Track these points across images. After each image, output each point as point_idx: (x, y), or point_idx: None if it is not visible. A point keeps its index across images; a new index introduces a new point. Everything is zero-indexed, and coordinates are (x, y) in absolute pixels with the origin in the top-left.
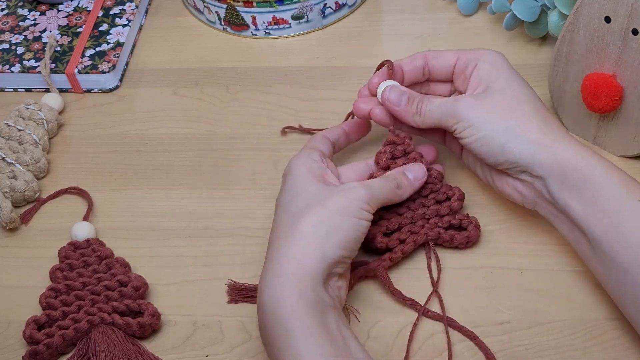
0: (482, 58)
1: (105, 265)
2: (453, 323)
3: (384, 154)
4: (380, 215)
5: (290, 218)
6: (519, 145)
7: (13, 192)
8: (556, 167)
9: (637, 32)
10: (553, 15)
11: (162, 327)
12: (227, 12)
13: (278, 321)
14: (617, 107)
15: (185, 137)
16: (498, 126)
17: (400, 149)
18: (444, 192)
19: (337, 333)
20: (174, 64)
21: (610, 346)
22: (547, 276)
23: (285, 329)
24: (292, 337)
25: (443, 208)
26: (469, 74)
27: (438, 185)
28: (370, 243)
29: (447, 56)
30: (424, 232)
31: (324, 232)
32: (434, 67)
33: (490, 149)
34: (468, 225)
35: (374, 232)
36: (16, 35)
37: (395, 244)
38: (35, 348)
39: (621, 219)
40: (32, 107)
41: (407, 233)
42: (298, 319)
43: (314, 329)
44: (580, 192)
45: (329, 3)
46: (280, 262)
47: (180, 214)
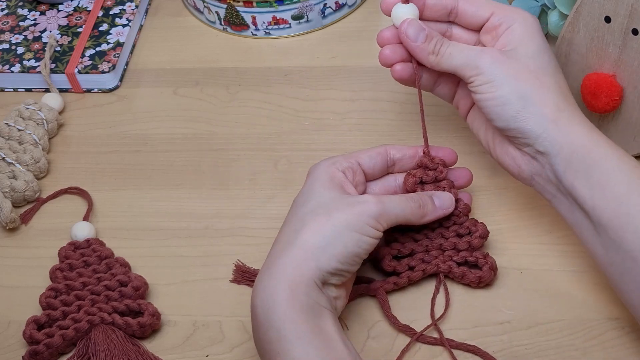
0: (518, 19)
1: (105, 265)
2: (452, 343)
3: (413, 177)
4: (395, 237)
5: (296, 222)
6: (533, 116)
7: (13, 192)
8: (566, 147)
9: (637, 32)
10: (553, 15)
11: (162, 327)
12: (227, 12)
13: (271, 325)
14: (617, 107)
15: (185, 137)
16: (518, 90)
17: (431, 174)
18: (467, 227)
19: (333, 336)
20: (174, 64)
21: (610, 346)
22: (547, 276)
23: (277, 332)
24: (284, 341)
25: (462, 243)
26: (501, 33)
27: (463, 219)
28: (379, 263)
29: (482, 5)
30: (436, 263)
31: (323, 243)
32: (466, 12)
33: (503, 111)
34: (483, 265)
35: (383, 253)
36: (16, 35)
37: (403, 269)
38: (35, 348)
39: (631, 205)
40: (32, 107)
41: (418, 261)
42: (291, 322)
43: (307, 332)
44: (588, 175)
45: (329, 3)
46: (276, 267)
47: (180, 214)
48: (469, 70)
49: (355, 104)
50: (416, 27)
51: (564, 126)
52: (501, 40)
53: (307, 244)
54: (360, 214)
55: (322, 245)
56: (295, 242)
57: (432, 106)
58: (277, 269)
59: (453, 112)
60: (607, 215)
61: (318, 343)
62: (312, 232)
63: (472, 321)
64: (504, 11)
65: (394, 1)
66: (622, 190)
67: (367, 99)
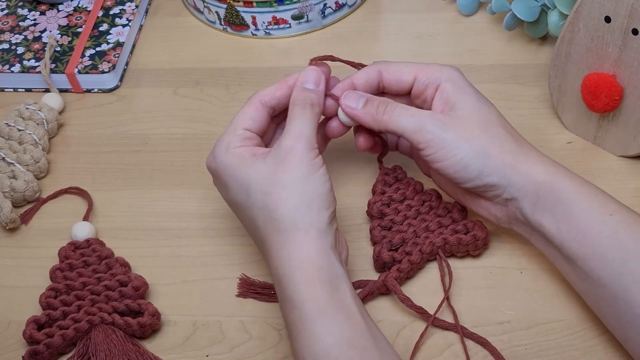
0: (443, 78)
1: (105, 265)
2: (465, 331)
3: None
4: (384, 235)
5: (262, 212)
6: (496, 170)
7: (13, 192)
8: (529, 187)
9: (637, 32)
10: (553, 15)
11: (162, 327)
12: (227, 12)
13: (293, 306)
14: (617, 107)
15: (185, 137)
16: (474, 150)
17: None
18: (444, 207)
19: (352, 308)
20: (174, 64)
21: (610, 346)
22: (547, 276)
23: (299, 312)
24: (305, 320)
25: (445, 219)
26: (431, 96)
27: (436, 202)
28: (377, 261)
29: (403, 72)
30: (429, 240)
31: (302, 209)
32: (390, 82)
33: (466, 172)
34: (473, 227)
35: (378, 249)
36: (16, 35)
37: (401, 256)
38: (35, 348)
39: (596, 234)
40: (32, 107)
41: (412, 245)
42: (311, 301)
43: (327, 309)
44: (553, 210)
45: (329, 3)
46: (281, 256)
47: (180, 214)
48: (422, 136)
49: None
50: (353, 96)
51: (524, 169)
52: (436, 102)
53: (293, 219)
54: (299, 161)
55: (305, 211)
56: (281, 226)
57: None
58: (282, 257)
59: None
60: (575, 247)
61: (338, 318)
62: (287, 206)
63: (473, 321)
64: (426, 72)
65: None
66: (584, 221)
67: None
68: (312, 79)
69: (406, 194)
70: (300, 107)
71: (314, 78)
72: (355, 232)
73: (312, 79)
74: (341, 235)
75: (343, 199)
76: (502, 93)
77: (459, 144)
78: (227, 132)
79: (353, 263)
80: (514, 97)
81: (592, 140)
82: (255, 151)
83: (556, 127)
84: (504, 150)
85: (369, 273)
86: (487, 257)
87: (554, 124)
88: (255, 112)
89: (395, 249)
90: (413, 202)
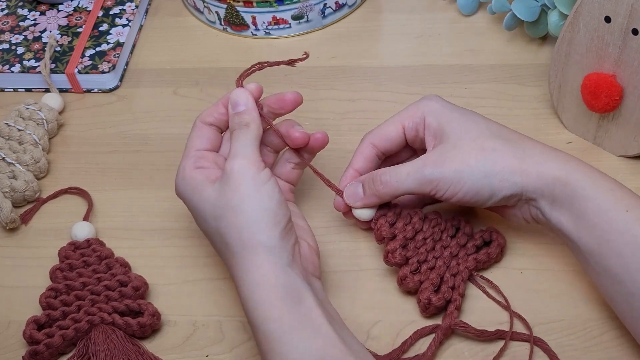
0: (425, 112)
1: (105, 265)
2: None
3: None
4: (419, 279)
5: (217, 237)
6: (505, 182)
7: (13, 192)
8: (543, 188)
9: (637, 32)
10: (553, 15)
11: (162, 327)
12: (227, 12)
13: (257, 328)
14: (617, 107)
15: (185, 137)
16: (478, 173)
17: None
18: (452, 226)
19: (318, 319)
20: (174, 64)
21: (610, 346)
22: (547, 276)
23: (263, 333)
24: (271, 340)
25: (461, 238)
26: (423, 134)
27: (444, 224)
28: (429, 307)
29: (390, 131)
30: (464, 267)
31: (250, 229)
32: (385, 147)
33: (481, 196)
34: (490, 236)
35: (426, 296)
36: (16, 35)
37: (449, 293)
38: (35, 348)
39: (612, 231)
40: (32, 107)
41: (452, 278)
42: (275, 320)
43: (290, 327)
44: (569, 207)
45: (329, 3)
46: (240, 279)
47: (180, 214)
48: (426, 186)
49: (355, 104)
50: (351, 190)
51: (534, 170)
52: (427, 139)
53: (249, 238)
54: (242, 181)
55: (253, 230)
56: (237, 245)
57: None
58: (242, 278)
59: None
60: (592, 244)
61: (303, 334)
62: (233, 232)
63: (473, 321)
64: (409, 118)
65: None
66: (600, 218)
67: (367, 99)
68: (241, 100)
69: (415, 227)
70: (237, 130)
71: (242, 99)
72: None
73: (241, 100)
74: (306, 246)
75: None
76: (502, 93)
77: (462, 174)
78: (182, 157)
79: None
80: (514, 97)
81: (592, 140)
82: (209, 174)
83: (556, 127)
84: (506, 159)
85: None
86: None
87: (554, 124)
88: (200, 131)
89: (438, 287)
90: (426, 233)
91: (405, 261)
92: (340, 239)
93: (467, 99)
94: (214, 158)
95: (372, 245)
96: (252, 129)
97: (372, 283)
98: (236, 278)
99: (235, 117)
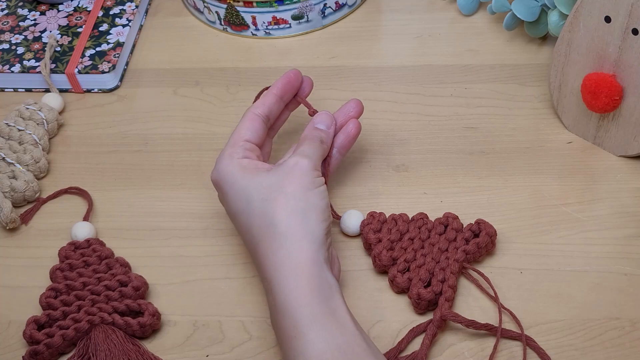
0: None
1: (105, 265)
2: (531, 343)
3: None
4: (409, 277)
5: (260, 219)
6: None
7: (13, 192)
8: None
9: (637, 32)
10: (553, 15)
11: (162, 327)
12: (227, 12)
13: (286, 312)
14: (617, 107)
15: (185, 137)
16: None
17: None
18: (439, 223)
19: (344, 317)
20: (174, 64)
21: (610, 346)
22: (547, 276)
23: (292, 318)
24: (300, 325)
25: (449, 233)
26: None
27: (430, 223)
28: (420, 302)
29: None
30: (453, 259)
31: (300, 217)
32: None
33: None
34: (479, 227)
35: (416, 291)
36: (16, 35)
37: (439, 286)
38: (35, 348)
39: None
40: (32, 107)
41: (441, 271)
42: (306, 306)
43: (321, 315)
44: None
45: (329, 3)
46: (275, 262)
47: (180, 214)
48: None
49: None
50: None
51: None
52: None
53: (289, 228)
54: (304, 174)
55: (300, 220)
56: (277, 234)
57: (431, 106)
58: (276, 264)
59: (455, 113)
60: None
61: (331, 326)
62: (284, 215)
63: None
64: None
65: None
66: None
67: (367, 99)
68: (325, 122)
69: (400, 229)
70: (310, 139)
71: (327, 121)
72: None
73: (325, 122)
74: (334, 253)
75: None
76: (502, 93)
77: None
78: (229, 145)
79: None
80: (514, 97)
81: (592, 140)
82: (257, 165)
83: (556, 127)
84: None
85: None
86: (487, 257)
87: (554, 124)
88: (251, 123)
89: (428, 283)
90: (412, 234)
91: (393, 262)
92: (340, 239)
93: (467, 99)
94: (258, 155)
95: None
96: (324, 147)
97: (372, 283)
98: (269, 261)
99: (315, 130)
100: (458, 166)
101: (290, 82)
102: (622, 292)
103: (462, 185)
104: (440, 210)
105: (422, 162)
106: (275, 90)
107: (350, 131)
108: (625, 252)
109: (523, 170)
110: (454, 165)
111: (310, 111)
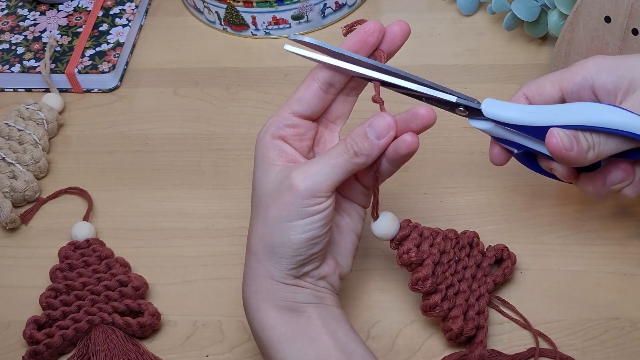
0: (590, 73)
1: (105, 265)
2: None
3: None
4: (447, 306)
5: (254, 210)
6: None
7: (13, 192)
8: None
9: (637, 32)
10: (553, 15)
11: (162, 327)
12: (227, 12)
13: (256, 333)
14: None
15: (185, 137)
16: None
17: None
18: (467, 243)
19: (317, 331)
20: (174, 64)
21: (610, 346)
22: (547, 276)
23: (260, 340)
24: (268, 347)
25: (477, 257)
26: (587, 99)
27: (460, 240)
28: (460, 335)
29: (548, 91)
30: (486, 289)
31: (269, 248)
32: (538, 103)
33: None
34: (502, 253)
35: (459, 325)
36: (16, 35)
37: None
38: (35, 348)
39: None
40: (32, 107)
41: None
42: (270, 329)
43: (289, 335)
44: None
45: (329, 3)
46: (246, 276)
47: (180, 214)
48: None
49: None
50: (566, 136)
51: None
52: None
53: (258, 252)
54: (289, 203)
55: (269, 251)
56: (249, 249)
57: None
58: (247, 278)
59: None
60: None
61: (300, 344)
62: (257, 237)
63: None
64: (569, 83)
65: None
66: None
67: (367, 99)
68: (378, 130)
69: (440, 248)
70: (343, 148)
71: (379, 130)
72: None
73: (378, 130)
74: (331, 264)
75: None
76: (502, 93)
77: None
78: (278, 111)
79: None
80: None
81: None
82: (276, 158)
83: None
84: None
85: None
86: None
87: None
88: (305, 91)
89: (465, 313)
90: (449, 255)
91: (435, 290)
92: None
93: None
94: (303, 132)
95: (372, 245)
96: (355, 161)
97: (372, 283)
98: (245, 270)
99: (358, 136)
100: (458, 166)
101: (363, 40)
102: (622, 292)
103: (462, 185)
104: (440, 210)
105: (422, 162)
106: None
107: (399, 147)
108: (625, 252)
109: (523, 170)
110: (454, 165)
111: (375, 95)
